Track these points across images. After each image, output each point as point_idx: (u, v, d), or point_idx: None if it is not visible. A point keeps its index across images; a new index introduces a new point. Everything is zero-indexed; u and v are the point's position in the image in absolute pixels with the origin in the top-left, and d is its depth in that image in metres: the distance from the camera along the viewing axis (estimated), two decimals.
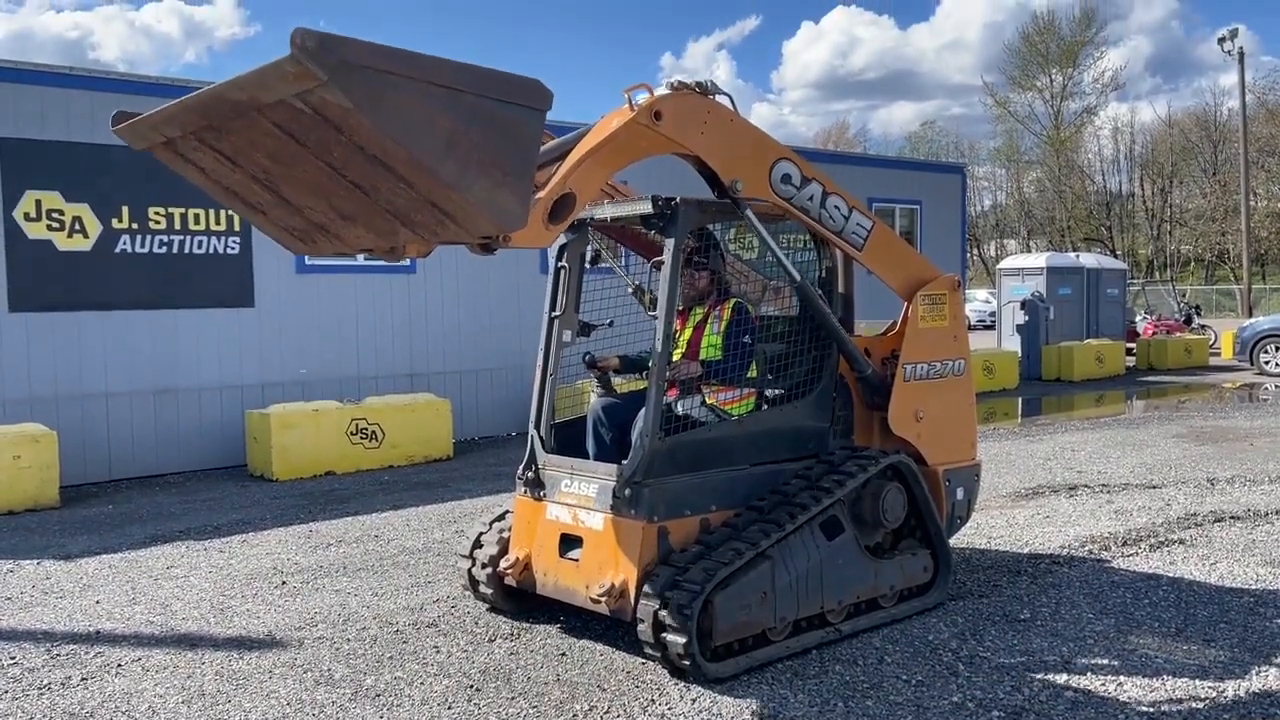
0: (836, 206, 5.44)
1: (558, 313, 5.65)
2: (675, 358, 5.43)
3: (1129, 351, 21.69)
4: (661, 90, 4.84)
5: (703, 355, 5.51)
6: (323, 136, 3.54)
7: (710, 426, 5.22)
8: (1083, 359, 19.33)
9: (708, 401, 5.37)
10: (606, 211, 5.34)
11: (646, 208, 5.07)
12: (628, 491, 4.84)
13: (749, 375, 5.47)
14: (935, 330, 5.94)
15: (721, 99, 5.02)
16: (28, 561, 7.13)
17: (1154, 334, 23.38)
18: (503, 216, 3.78)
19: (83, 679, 4.85)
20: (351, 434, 10.50)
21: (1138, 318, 24.75)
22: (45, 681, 4.83)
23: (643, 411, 4.96)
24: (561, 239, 5.66)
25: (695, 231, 5.43)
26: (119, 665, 5.03)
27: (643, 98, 4.72)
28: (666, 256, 5.03)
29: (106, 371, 10.24)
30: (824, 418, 5.65)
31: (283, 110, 3.45)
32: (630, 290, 6.01)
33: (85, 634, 5.53)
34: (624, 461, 4.96)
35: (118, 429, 10.31)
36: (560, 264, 5.66)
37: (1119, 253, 52.38)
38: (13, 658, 5.16)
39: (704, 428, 5.20)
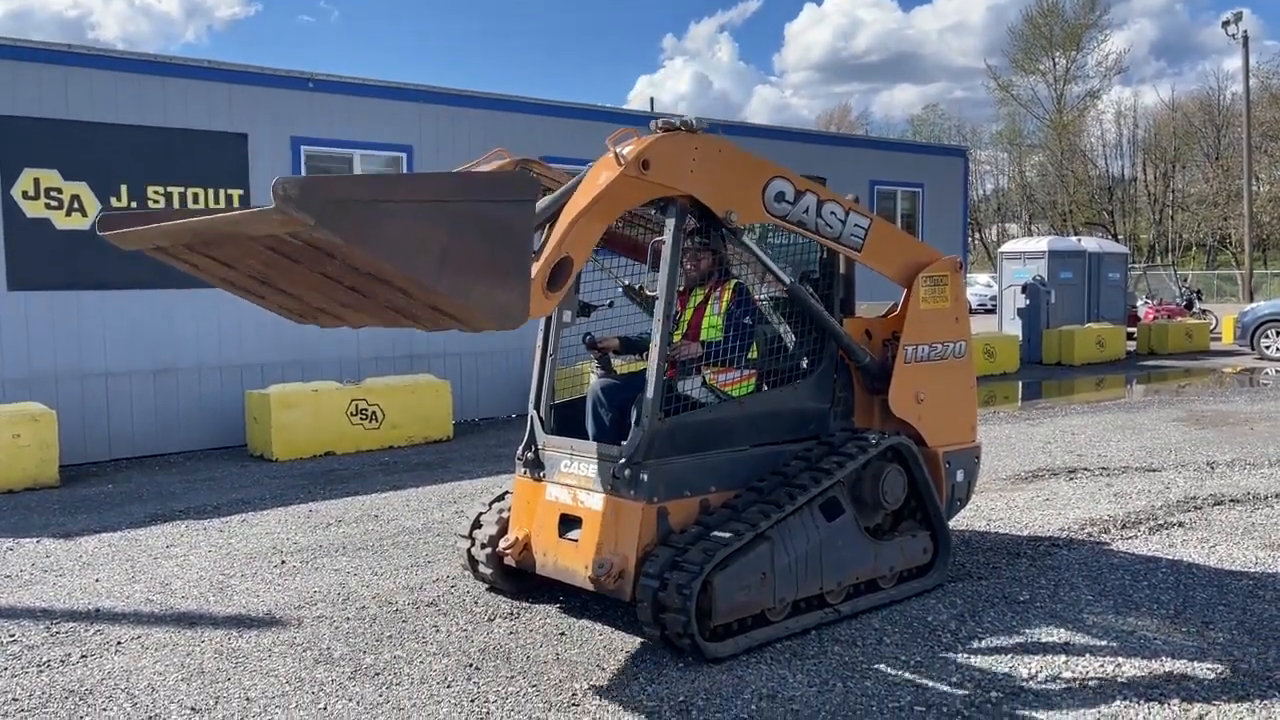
0: (833, 213, 5.41)
1: None
2: (675, 339, 5.41)
3: (1130, 336, 21.67)
4: (650, 135, 4.73)
5: (703, 336, 5.50)
6: (316, 258, 3.60)
7: (710, 407, 5.21)
8: (1083, 343, 19.31)
9: (708, 382, 5.36)
10: None
11: None
12: (627, 472, 4.83)
13: (749, 356, 5.46)
14: (937, 312, 5.92)
15: (709, 132, 4.95)
16: (27, 539, 7.13)
17: (1155, 318, 23.35)
18: (504, 315, 3.83)
19: (82, 656, 4.86)
20: (351, 414, 10.50)
21: (1139, 302, 24.72)
22: (45, 659, 4.84)
23: (643, 392, 4.95)
24: None
25: (696, 212, 5.40)
26: (118, 643, 5.04)
27: (629, 149, 4.63)
28: (667, 236, 5.00)
29: (106, 351, 10.23)
30: (824, 399, 5.64)
31: (273, 239, 3.52)
32: (621, 290, 5.96)
33: (85, 612, 5.54)
34: (624, 442, 4.95)
35: (117, 408, 10.31)
36: None
37: (1120, 237, 52.27)
38: (12, 635, 5.17)
39: (704, 408, 5.18)
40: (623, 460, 4.87)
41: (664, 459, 4.90)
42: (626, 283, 5.94)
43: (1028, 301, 19.97)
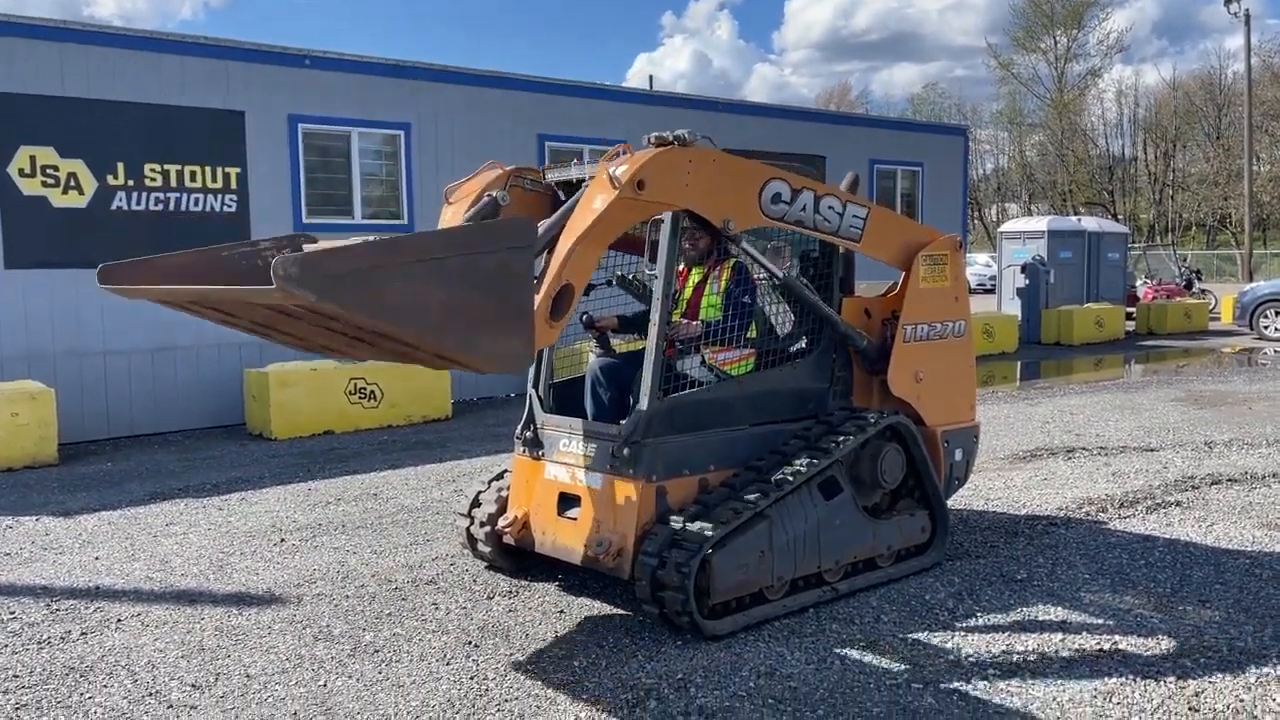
0: (830, 207, 5.38)
1: None
2: (675, 318, 5.40)
3: (1129, 316, 21.66)
4: (643, 152, 4.66)
5: (702, 315, 5.48)
6: (319, 318, 3.72)
7: (709, 387, 5.21)
8: (1082, 323, 19.31)
9: (707, 362, 5.35)
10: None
11: None
12: (626, 451, 4.83)
13: (748, 335, 5.44)
14: (936, 291, 5.91)
15: (701, 143, 4.91)
16: (27, 518, 7.14)
17: (1154, 298, 23.33)
18: (509, 361, 3.97)
19: (82, 633, 4.88)
20: (350, 393, 10.50)
21: (1138, 282, 24.69)
22: (45, 636, 4.85)
23: (641, 371, 4.94)
24: (560, 197, 5.60)
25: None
26: (118, 620, 5.05)
27: (622, 169, 4.57)
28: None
29: (104, 329, 10.21)
30: (823, 379, 5.64)
31: (275, 304, 3.63)
32: (615, 280, 5.91)
33: (85, 589, 5.55)
34: (623, 421, 4.95)
35: (116, 387, 10.31)
36: None
37: (1120, 217, 52.18)
38: (12, 612, 5.18)
39: (703, 388, 5.18)
40: (621, 439, 4.87)
41: (662, 438, 4.90)
42: (620, 273, 5.90)
43: (1027, 281, 19.95)
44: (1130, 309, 22.03)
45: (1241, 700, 4.00)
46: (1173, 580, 5.44)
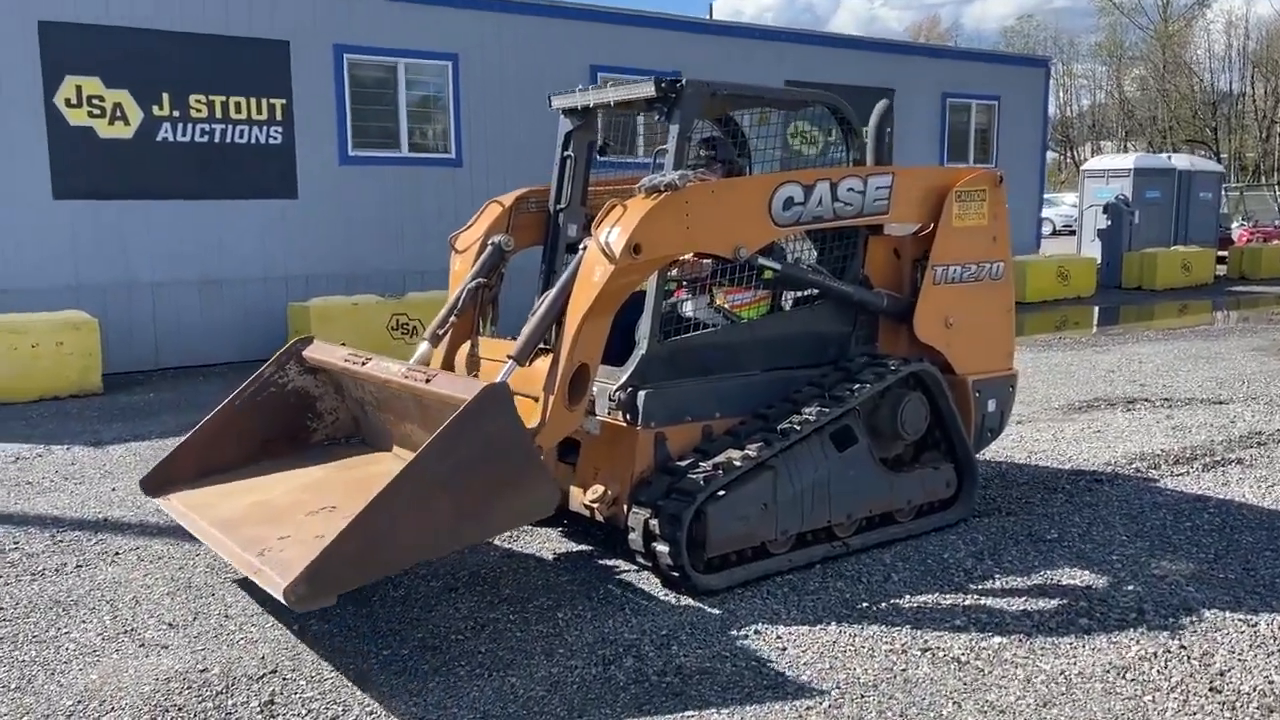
0: (850, 189, 4.97)
1: (563, 205, 5.37)
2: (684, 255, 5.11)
3: (1220, 259, 20.56)
4: (636, 207, 4.33)
5: None
6: None
7: (715, 330, 4.92)
8: (1167, 266, 18.36)
9: (717, 303, 5.06)
10: (609, 95, 4.98)
11: (649, 90, 4.70)
12: (622, 396, 4.59)
13: (764, 276, 5.13)
14: (972, 230, 5.47)
15: (702, 175, 4.63)
16: (59, 447, 7.22)
17: (1249, 241, 22.11)
18: (535, 512, 4.01)
19: (77, 566, 4.86)
20: (391, 328, 10.43)
21: (1234, 224, 23.42)
22: (41, 568, 4.85)
23: (643, 314, 4.69)
24: (567, 125, 5.34)
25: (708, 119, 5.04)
26: (116, 553, 5.03)
27: (615, 235, 4.25)
28: (671, 144, 4.68)
29: (151, 261, 10.27)
30: (846, 322, 5.30)
31: None
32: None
33: (93, 521, 5.56)
34: (623, 364, 4.71)
35: (163, 318, 10.39)
36: (566, 154, 5.35)
37: (1224, 156, 49.63)
38: (16, 542, 5.20)
39: (709, 331, 4.89)
40: (620, 383, 4.63)
41: (663, 383, 4.64)
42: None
43: (1109, 222, 19.02)
44: (1222, 252, 20.91)
45: (1271, 682, 3.65)
46: (1218, 545, 5.05)
